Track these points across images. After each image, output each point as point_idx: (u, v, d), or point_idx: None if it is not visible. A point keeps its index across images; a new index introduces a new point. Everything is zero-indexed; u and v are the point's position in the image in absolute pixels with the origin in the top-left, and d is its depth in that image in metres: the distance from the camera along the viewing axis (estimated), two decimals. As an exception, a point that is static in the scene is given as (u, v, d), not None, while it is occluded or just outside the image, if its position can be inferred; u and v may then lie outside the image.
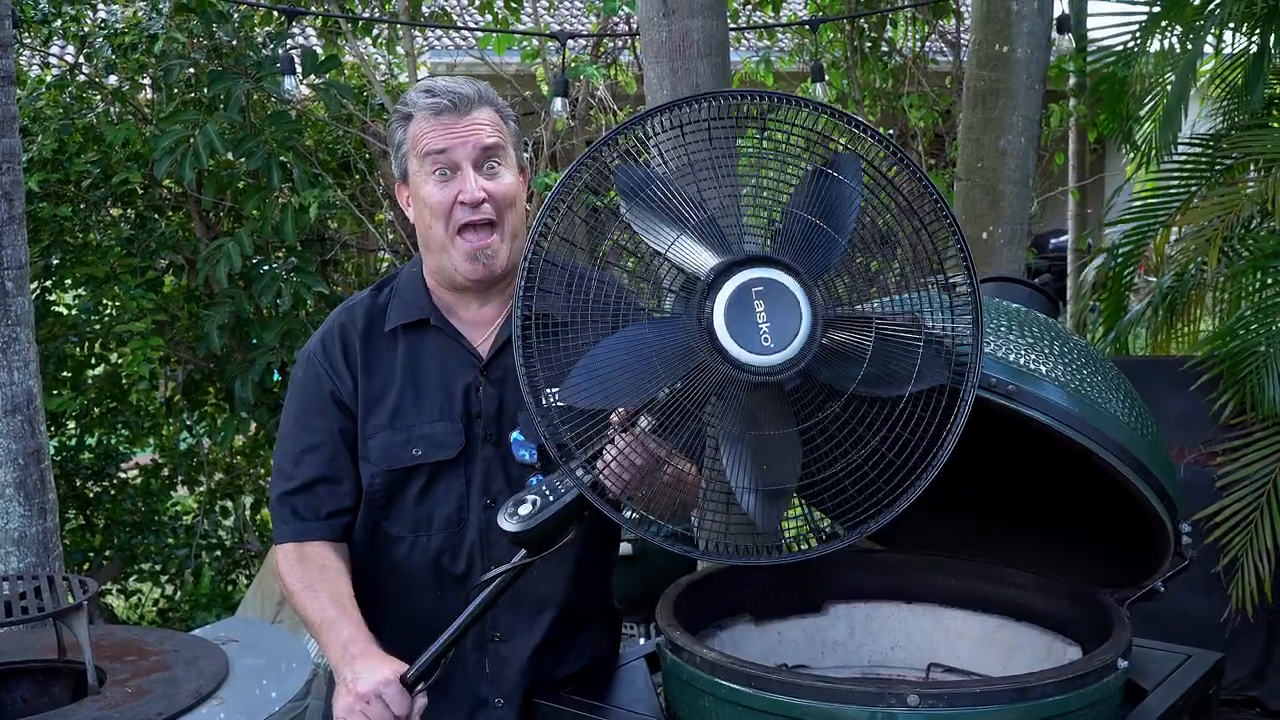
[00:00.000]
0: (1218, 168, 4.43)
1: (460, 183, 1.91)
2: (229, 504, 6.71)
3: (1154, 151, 5.02)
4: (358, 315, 2.04)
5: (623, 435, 1.63)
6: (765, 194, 1.68)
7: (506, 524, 1.70)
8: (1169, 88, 4.84)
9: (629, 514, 1.69)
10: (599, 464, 1.65)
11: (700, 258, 1.59)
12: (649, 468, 1.64)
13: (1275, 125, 4.62)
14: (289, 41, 5.57)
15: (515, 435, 1.97)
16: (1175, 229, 4.56)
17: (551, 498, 1.69)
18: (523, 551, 1.73)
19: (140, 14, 5.72)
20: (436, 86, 1.94)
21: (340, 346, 2.02)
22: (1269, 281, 3.98)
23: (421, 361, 2.00)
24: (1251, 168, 4.50)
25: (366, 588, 1.99)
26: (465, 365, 2.00)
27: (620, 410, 1.63)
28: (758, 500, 1.60)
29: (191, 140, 4.94)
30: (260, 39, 5.68)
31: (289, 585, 1.98)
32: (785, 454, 1.60)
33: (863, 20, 6.90)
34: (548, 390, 1.65)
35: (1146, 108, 5.10)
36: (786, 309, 1.55)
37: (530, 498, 1.69)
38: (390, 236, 6.39)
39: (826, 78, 6.63)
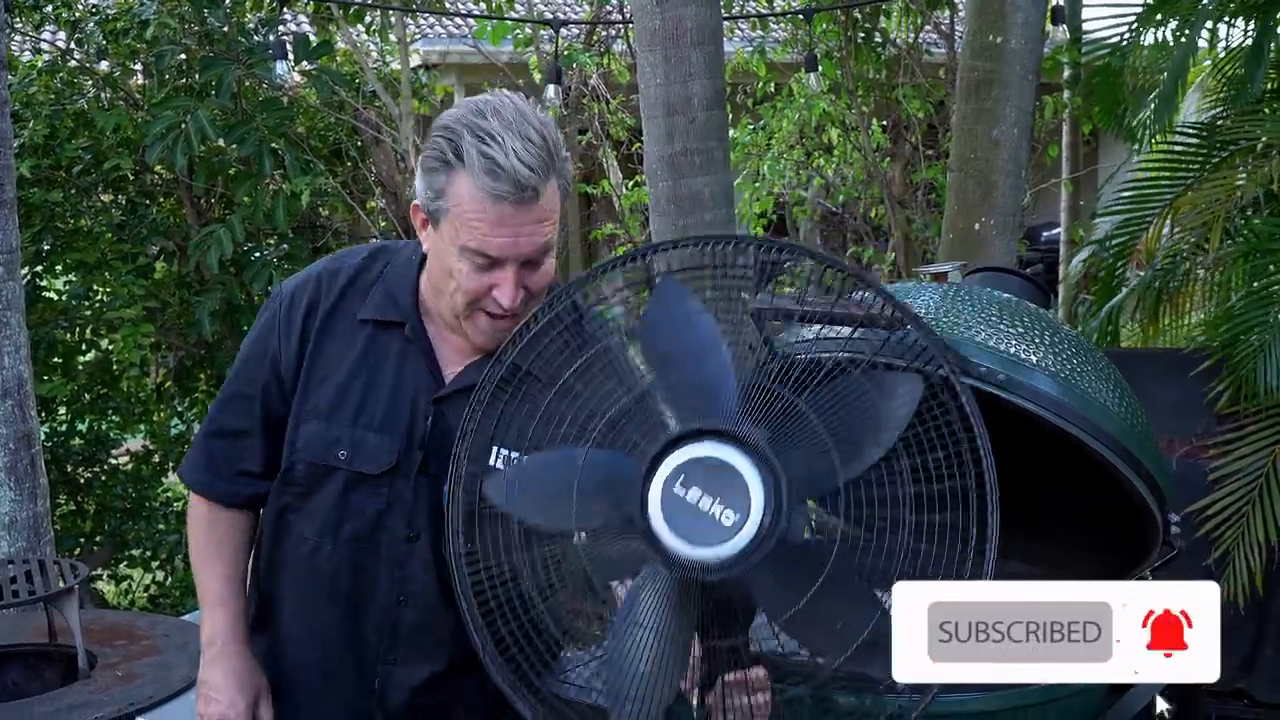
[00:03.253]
0: (1215, 160, 4.41)
1: (498, 276, 1.68)
2: (219, 491, 6.69)
3: (1149, 136, 5.00)
4: (339, 280, 1.85)
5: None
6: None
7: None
8: (1165, 75, 4.82)
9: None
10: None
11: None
12: None
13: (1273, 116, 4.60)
14: (281, 27, 5.55)
15: None
16: (1168, 220, 4.54)
17: None
18: None
19: (132, -1, 5.71)
20: (501, 162, 1.59)
21: (305, 306, 1.84)
22: (1270, 268, 3.94)
23: (379, 364, 1.82)
24: (1238, 160, 4.47)
25: (267, 570, 1.93)
26: (423, 385, 1.81)
27: None
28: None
29: (183, 126, 4.94)
30: (252, 25, 5.67)
31: (194, 539, 1.94)
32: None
33: (857, 10, 6.90)
34: (501, 450, 1.57)
35: (1142, 97, 5.07)
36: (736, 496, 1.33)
37: None
38: (382, 224, 6.38)
39: (820, 68, 6.64)
